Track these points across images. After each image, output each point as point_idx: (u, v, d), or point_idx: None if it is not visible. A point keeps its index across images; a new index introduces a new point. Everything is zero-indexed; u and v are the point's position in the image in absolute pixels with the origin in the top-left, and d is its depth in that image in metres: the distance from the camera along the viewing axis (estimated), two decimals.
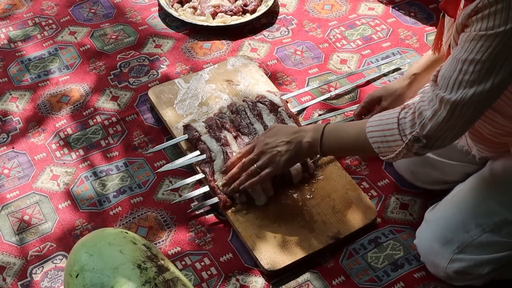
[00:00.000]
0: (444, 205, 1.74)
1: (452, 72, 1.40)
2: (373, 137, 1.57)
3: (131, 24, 2.52)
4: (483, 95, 1.38)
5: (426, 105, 1.46)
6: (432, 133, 1.46)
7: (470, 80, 1.38)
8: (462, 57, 1.38)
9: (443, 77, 1.43)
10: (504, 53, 1.34)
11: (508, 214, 1.63)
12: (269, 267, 1.74)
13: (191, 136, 2.00)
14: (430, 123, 1.45)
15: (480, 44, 1.35)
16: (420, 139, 1.47)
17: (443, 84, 1.43)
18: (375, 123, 1.58)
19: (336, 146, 1.71)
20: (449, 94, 1.41)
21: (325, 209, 1.87)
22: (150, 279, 1.45)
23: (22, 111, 2.19)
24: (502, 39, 1.32)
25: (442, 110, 1.42)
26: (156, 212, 1.90)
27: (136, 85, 2.27)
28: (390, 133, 1.54)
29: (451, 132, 1.46)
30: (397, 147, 1.53)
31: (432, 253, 1.69)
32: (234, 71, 2.26)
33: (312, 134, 1.72)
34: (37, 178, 1.99)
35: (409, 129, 1.49)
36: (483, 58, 1.35)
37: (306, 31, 2.50)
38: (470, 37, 1.37)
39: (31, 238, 1.84)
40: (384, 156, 1.58)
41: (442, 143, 1.48)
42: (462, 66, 1.38)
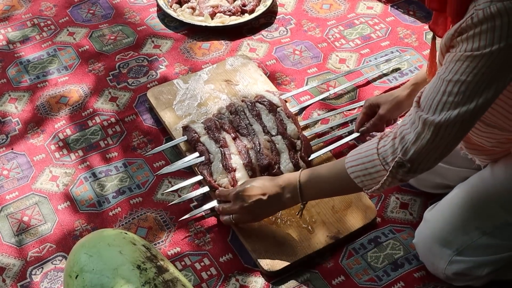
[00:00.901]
0: (444, 205, 1.73)
1: (436, 93, 1.39)
2: (355, 172, 1.55)
3: (129, 25, 2.52)
4: (466, 115, 1.37)
5: (408, 128, 1.44)
6: (416, 157, 1.43)
7: (455, 101, 1.36)
8: (447, 77, 1.37)
9: (426, 97, 1.41)
10: (489, 74, 1.33)
11: (508, 217, 1.62)
12: (268, 268, 1.73)
13: (190, 137, 2.00)
14: (414, 146, 1.42)
15: (465, 65, 1.34)
16: (404, 164, 1.45)
17: (426, 105, 1.41)
18: (353, 157, 1.56)
19: (318, 192, 1.69)
20: (432, 116, 1.39)
21: (324, 209, 1.87)
22: (150, 280, 1.45)
23: (21, 112, 2.19)
24: (488, 60, 1.31)
25: (426, 132, 1.40)
26: (155, 212, 1.90)
27: (135, 86, 2.27)
28: (372, 165, 1.51)
29: (435, 154, 1.44)
30: (381, 177, 1.51)
31: (431, 254, 1.69)
32: (233, 71, 2.26)
33: (289, 188, 1.69)
34: (36, 179, 1.99)
35: (390, 156, 1.47)
36: (468, 79, 1.34)
37: (304, 31, 2.50)
38: (455, 57, 1.35)
39: (30, 239, 1.84)
40: (369, 189, 1.55)
41: (426, 165, 1.46)
42: (446, 87, 1.37)
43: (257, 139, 1.97)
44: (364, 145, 1.56)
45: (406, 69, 2.33)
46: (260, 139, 1.97)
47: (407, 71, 2.32)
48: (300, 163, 1.94)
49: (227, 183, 1.87)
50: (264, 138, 1.98)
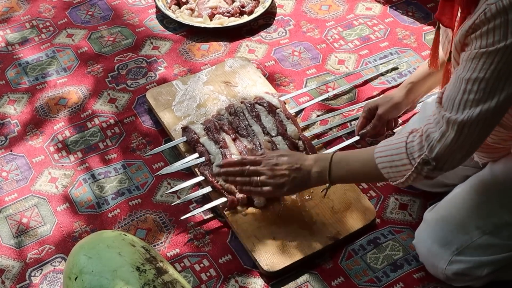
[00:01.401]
0: (443, 206, 1.73)
1: (457, 93, 1.39)
2: (382, 163, 1.56)
3: (128, 26, 2.52)
4: (489, 113, 1.37)
5: (433, 127, 1.45)
6: (441, 155, 1.44)
7: (476, 99, 1.37)
8: (465, 76, 1.37)
9: (447, 98, 1.42)
10: (507, 68, 1.33)
11: (508, 216, 1.62)
12: (268, 268, 1.73)
13: (189, 138, 1.99)
14: (439, 144, 1.44)
15: (482, 62, 1.34)
16: (430, 162, 1.46)
17: (448, 105, 1.42)
18: (383, 148, 1.57)
19: (345, 175, 1.69)
20: (455, 115, 1.40)
21: (324, 210, 1.87)
22: (149, 281, 1.45)
23: (20, 114, 2.19)
24: (504, 54, 1.31)
25: (450, 131, 1.41)
26: (154, 214, 1.90)
27: (134, 87, 2.27)
28: (399, 158, 1.52)
29: (460, 153, 1.45)
30: (406, 171, 1.51)
31: (431, 255, 1.69)
32: (232, 73, 2.26)
33: (321, 163, 1.69)
34: (35, 181, 1.99)
35: (417, 153, 1.48)
36: (487, 76, 1.34)
37: (303, 32, 2.50)
38: (471, 55, 1.36)
39: (29, 241, 1.84)
40: (394, 181, 1.56)
41: (451, 164, 1.47)
42: (466, 86, 1.37)
43: (257, 140, 1.97)
44: (394, 137, 1.57)
45: (405, 70, 2.33)
46: (260, 140, 1.97)
47: (406, 72, 2.32)
48: None
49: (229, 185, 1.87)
50: (264, 138, 1.98)
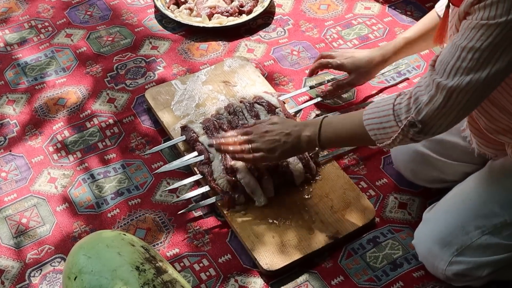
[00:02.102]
0: (443, 206, 1.73)
1: (451, 58, 1.40)
2: (370, 125, 1.58)
3: (127, 26, 2.52)
4: (479, 83, 1.38)
5: (423, 90, 1.46)
6: (427, 119, 1.46)
7: (468, 67, 1.38)
8: (462, 44, 1.38)
9: (441, 62, 1.43)
10: (503, 43, 1.34)
11: (507, 216, 1.62)
12: (267, 267, 1.73)
13: (188, 137, 1.99)
14: (426, 108, 1.45)
15: (480, 33, 1.35)
16: (416, 124, 1.48)
17: (440, 69, 1.43)
18: (371, 111, 1.59)
19: (334, 138, 1.71)
20: (446, 80, 1.41)
21: (323, 209, 1.87)
22: (149, 281, 1.45)
23: (19, 114, 2.18)
24: (503, 29, 1.32)
25: (439, 96, 1.43)
26: (154, 213, 1.90)
27: (133, 87, 2.27)
28: (386, 120, 1.54)
29: (446, 119, 1.46)
30: (393, 133, 1.53)
31: (431, 255, 1.69)
32: (230, 72, 2.26)
33: (311, 128, 1.73)
34: (34, 181, 1.99)
35: (404, 115, 1.50)
36: (482, 47, 1.35)
37: (302, 31, 2.50)
38: (471, 25, 1.36)
39: (29, 241, 1.84)
40: (381, 143, 1.58)
41: (437, 130, 1.49)
42: (461, 53, 1.38)
43: None
44: (382, 100, 1.59)
45: (403, 69, 2.33)
46: None
47: (405, 71, 2.32)
48: (311, 164, 1.93)
49: (226, 183, 1.87)
50: None
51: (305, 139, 1.73)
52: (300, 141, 1.74)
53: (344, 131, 1.69)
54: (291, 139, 1.74)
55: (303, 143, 1.74)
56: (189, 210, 1.88)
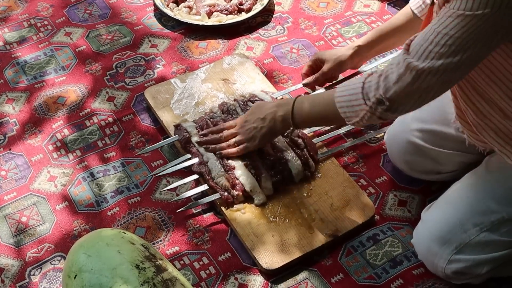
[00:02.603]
0: (441, 204, 1.73)
1: (425, 41, 1.42)
2: (340, 102, 1.60)
3: (126, 24, 2.52)
4: (448, 68, 1.40)
5: (394, 67, 1.48)
6: (395, 96, 1.48)
7: (440, 52, 1.40)
8: (437, 29, 1.40)
9: (415, 44, 1.45)
10: (477, 34, 1.36)
11: (505, 213, 1.62)
12: (267, 266, 1.74)
13: (181, 137, 1.99)
14: (394, 87, 1.47)
15: (456, 22, 1.36)
16: (383, 101, 1.49)
17: (413, 50, 1.45)
18: (342, 88, 1.61)
19: (307, 117, 1.75)
20: (417, 61, 1.43)
21: (323, 207, 1.87)
22: (149, 279, 1.45)
23: (18, 113, 2.19)
24: (478, 21, 1.34)
25: (407, 75, 1.44)
26: (154, 212, 1.90)
27: (133, 85, 2.27)
28: (355, 98, 1.56)
29: (413, 97, 1.48)
30: (361, 111, 1.55)
31: (430, 254, 1.69)
32: (230, 70, 2.26)
33: (284, 107, 1.78)
34: (34, 180, 1.99)
35: (373, 92, 1.52)
36: (456, 34, 1.37)
37: (301, 29, 2.50)
38: (448, 13, 1.38)
39: (29, 240, 1.84)
40: (350, 120, 1.60)
41: (404, 108, 1.51)
42: (435, 38, 1.40)
43: None
44: (354, 79, 1.64)
45: None
46: None
47: None
48: (310, 162, 1.94)
49: (225, 182, 1.87)
50: None
51: (279, 119, 1.79)
52: (275, 122, 1.80)
53: (317, 109, 1.71)
54: (266, 123, 1.82)
55: (278, 123, 1.80)
56: (188, 208, 1.88)
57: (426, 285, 1.74)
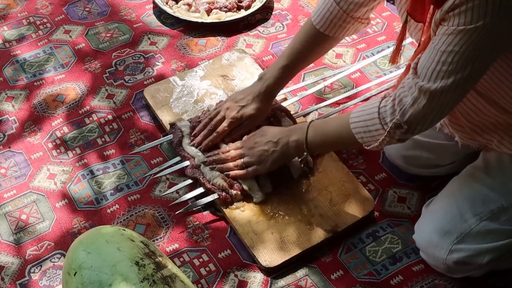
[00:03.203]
0: (441, 198, 1.74)
1: (431, 62, 1.43)
2: (356, 128, 1.61)
3: (125, 22, 2.52)
4: (461, 81, 1.42)
5: (406, 91, 1.49)
6: (412, 119, 1.49)
7: (449, 70, 1.41)
8: (441, 48, 1.41)
9: (422, 66, 1.46)
10: (482, 44, 1.37)
11: (504, 201, 1.63)
12: (267, 264, 1.74)
13: (175, 137, 1.98)
14: (411, 109, 1.48)
15: (458, 38, 1.37)
16: (401, 125, 1.50)
17: (421, 73, 1.46)
18: (357, 113, 1.61)
19: (321, 142, 1.75)
20: (428, 83, 1.44)
21: (322, 202, 1.87)
22: (148, 276, 1.45)
23: (18, 111, 2.18)
24: (480, 32, 1.35)
25: (422, 98, 1.46)
26: (153, 209, 1.90)
27: (132, 83, 2.27)
28: (372, 123, 1.57)
29: (431, 117, 1.49)
30: (380, 136, 1.56)
31: (431, 246, 1.69)
32: (229, 66, 2.26)
33: (297, 133, 1.78)
34: (34, 177, 1.99)
35: (389, 117, 1.52)
36: (462, 49, 1.38)
37: (301, 26, 2.49)
38: (448, 31, 1.39)
39: (28, 237, 1.84)
40: (368, 145, 1.61)
41: (422, 127, 1.52)
42: (441, 57, 1.41)
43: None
44: (368, 103, 1.61)
45: (401, 64, 2.32)
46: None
47: (403, 66, 2.31)
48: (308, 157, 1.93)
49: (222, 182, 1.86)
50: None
51: (293, 145, 1.78)
52: (288, 148, 1.79)
53: (331, 135, 1.72)
54: (279, 147, 1.80)
55: (291, 149, 1.79)
56: (187, 209, 1.88)
57: (426, 282, 1.74)
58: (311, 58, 1.97)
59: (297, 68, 1.97)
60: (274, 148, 1.80)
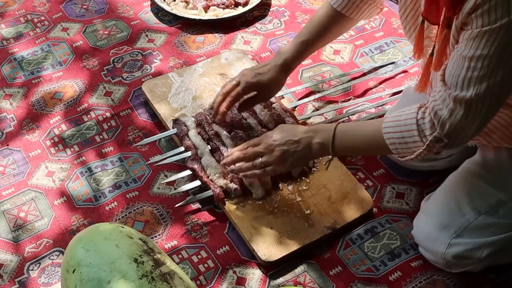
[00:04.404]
0: (439, 192, 1.74)
1: (460, 70, 1.39)
2: (391, 139, 1.55)
3: (123, 19, 2.51)
4: (495, 87, 1.38)
5: (440, 104, 1.45)
6: (452, 132, 1.45)
7: (480, 75, 1.37)
8: (468, 54, 1.37)
9: (451, 76, 1.42)
10: (510, 43, 1.33)
11: (502, 195, 1.63)
12: (266, 258, 1.74)
13: (179, 131, 1.99)
14: (448, 122, 1.44)
15: (485, 40, 1.34)
16: (442, 139, 1.47)
17: (452, 83, 1.42)
18: (391, 124, 1.56)
19: (349, 147, 1.69)
20: (461, 92, 1.40)
21: (321, 200, 1.87)
22: (147, 273, 1.45)
23: (16, 109, 2.18)
24: (507, 30, 1.32)
25: (459, 109, 1.42)
26: (152, 206, 1.90)
27: (130, 80, 2.27)
28: (409, 135, 1.52)
29: (471, 129, 1.45)
30: (417, 148, 1.52)
31: (430, 240, 1.69)
32: (227, 65, 2.26)
33: (323, 135, 1.69)
34: (32, 175, 1.99)
35: (429, 130, 1.48)
36: (490, 52, 1.34)
37: (299, 23, 2.50)
38: (473, 34, 1.36)
39: (27, 235, 1.84)
40: (403, 157, 1.57)
41: (463, 140, 1.48)
42: (469, 63, 1.37)
43: (254, 132, 1.97)
44: (403, 113, 1.55)
45: (400, 60, 2.33)
46: (258, 132, 1.97)
47: (401, 62, 2.32)
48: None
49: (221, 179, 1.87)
50: (262, 130, 1.98)
51: (316, 146, 1.70)
52: (311, 149, 1.70)
53: (360, 141, 1.66)
54: (301, 147, 1.71)
55: (314, 150, 1.70)
56: (187, 203, 1.88)
57: (425, 277, 1.74)
58: (328, 37, 1.95)
59: (314, 45, 1.94)
60: (295, 148, 1.71)
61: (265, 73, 1.91)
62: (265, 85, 1.91)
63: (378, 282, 1.73)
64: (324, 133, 1.69)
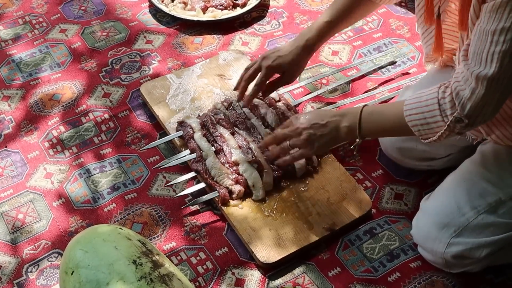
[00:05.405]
0: (439, 192, 1.74)
1: (484, 46, 1.38)
2: (413, 121, 1.54)
3: (121, 21, 2.51)
4: None
5: (462, 84, 1.44)
6: (472, 112, 1.44)
7: (503, 50, 1.35)
8: (491, 28, 1.35)
9: (474, 53, 1.41)
10: None
11: (501, 194, 1.63)
12: (264, 260, 1.74)
13: (185, 133, 1.99)
14: (470, 102, 1.43)
15: (507, 11, 1.32)
16: (462, 120, 1.46)
17: (475, 60, 1.40)
18: (413, 105, 1.54)
19: (375, 129, 1.68)
20: (484, 69, 1.39)
21: (320, 201, 1.87)
22: (146, 275, 1.45)
23: (14, 110, 2.18)
24: None
25: (480, 88, 1.41)
26: (150, 207, 1.90)
27: (128, 82, 2.27)
28: (431, 115, 1.51)
29: (490, 107, 1.45)
30: (439, 129, 1.51)
31: (429, 240, 1.69)
32: (226, 66, 2.26)
33: (350, 118, 1.67)
34: (30, 177, 1.98)
35: (449, 110, 1.48)
36: None
37: (297, 24, 2.50)
38: (495, 6, 1.33)
39: (25, 237, 1.84)
40: (426, 138, 1.56)
41: (483, 119, 1.48)
42: (492, 37, 1.35)
43: (258, 133, 1.97)
44: (423, 93, 1.54)
45: (398, 61, 2.33)
46: (261, 132, 1.97)
47: (400, 62, 2.32)
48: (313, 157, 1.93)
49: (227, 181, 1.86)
50: (265, 131, 1.98)
51: (344, 130, 1.68)
52: (339, 132, 1.69)
53: (386, 123, 1.64)
54: (328, 130, 1.69)
55: (342, 133, 1.69)
56: (191, 205, 1.88)
57: (424, 278, 1.74)
58: (351, 19, 1.94)
59: (337, 26, 1.93)
60: (322, 132, 1.69)
61: (286, 55, 1.91)
62: (287, 68, 1.92)
63: (377, 283, 1.73)
64: (351, 116, 1.68)
